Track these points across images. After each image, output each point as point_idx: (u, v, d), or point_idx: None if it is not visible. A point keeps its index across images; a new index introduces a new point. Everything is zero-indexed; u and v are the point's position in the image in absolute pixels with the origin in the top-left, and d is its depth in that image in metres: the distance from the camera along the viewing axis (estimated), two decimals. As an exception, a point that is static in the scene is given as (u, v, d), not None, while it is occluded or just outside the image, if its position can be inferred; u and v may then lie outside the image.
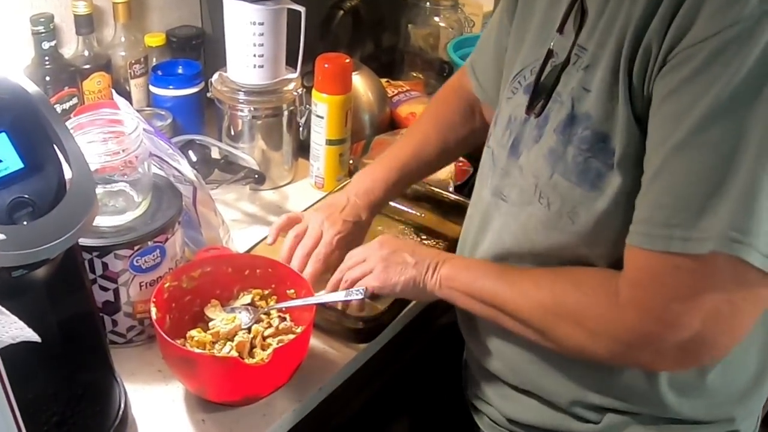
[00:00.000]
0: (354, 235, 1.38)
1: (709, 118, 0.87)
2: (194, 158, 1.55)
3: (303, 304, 1.20)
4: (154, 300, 1.14)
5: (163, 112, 1.68)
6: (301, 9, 1.54)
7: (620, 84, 0.97)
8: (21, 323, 0.69)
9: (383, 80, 2.00)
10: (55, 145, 0.92)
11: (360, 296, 1.19)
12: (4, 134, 0.88)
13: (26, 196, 0.88)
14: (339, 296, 1.22)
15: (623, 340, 0.99)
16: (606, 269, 1.04)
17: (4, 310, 0.68)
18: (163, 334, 1.07)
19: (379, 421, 1.50)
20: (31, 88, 0.93)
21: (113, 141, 1.18)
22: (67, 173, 0.92)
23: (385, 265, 1.22)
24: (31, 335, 0.68)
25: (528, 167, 1.11)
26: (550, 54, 1.08)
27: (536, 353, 1.16)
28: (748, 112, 0.85)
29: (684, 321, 0.93)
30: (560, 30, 1.07)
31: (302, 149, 1.74)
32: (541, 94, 1.08)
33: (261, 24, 1.53)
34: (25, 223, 0.86)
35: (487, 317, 1.14)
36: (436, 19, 2.17)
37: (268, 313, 1.23)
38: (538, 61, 1.10)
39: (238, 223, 1.56)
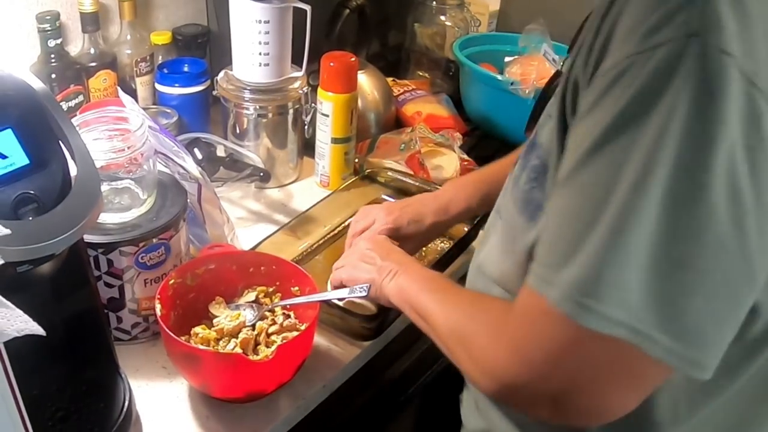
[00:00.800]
0: (408, 231, 1.38)
1: (588, 155, 0.80)
2: (200, 156, 1.55)
3: (307, 301, 1.20)
4: (159, 297, 1.14)
5: (168, 110, 1.68)
6: (307, 7, 1.54)
7: (556, 116, 0.92)
8: (25, 316, 0.69)
9: (389, 79, 2.00)
10: (60, 142, 0.92)
11: (364, 294, 1.18)
12: (9, 130, 0.88)
13: (31, 191, 0.88)
14: (342, 293, 1.21)
15: (498, 379, 0.90)
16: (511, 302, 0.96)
17: (8, 303, 0.69)
18: (168, 331, 1.08)
19: (381, 418, 1.50)
20: (37, 84, 0.93)
21: (119, 138, 1.19)
22: (72, 169, 0.92)
23: (356, 262, 1.24)
24: (36, 328, 0.69)
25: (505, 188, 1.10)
26: (557, 74, 1.05)
27: None
28: (623, 152, 0.77)
29: (548, 371, 0.84)
30: (569, 50, 1.05)
31: (307, 147, 1.74)
32: (534, 114, 1.06)
33: (267, 22, 1.53)
34: (30, 218, 0.86)
35: (425, 333, 1.10)
36: (443, 18, 2.17)
37: (272, 310, 1.23)
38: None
39: (243, 220, 1.57)
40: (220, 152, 1.66)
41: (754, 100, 0.73)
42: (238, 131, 1.66)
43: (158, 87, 1.73)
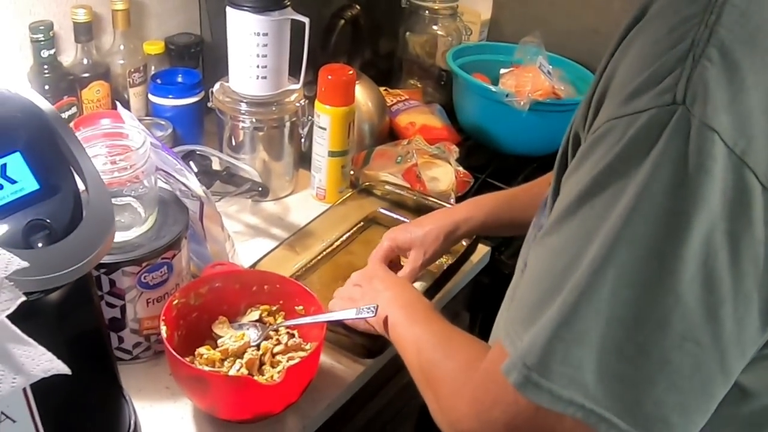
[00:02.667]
0: (404, 239, 1.40)
1: (562, 218, 0.77)
2: (195, 169, 1.53)
3: (313, 321, 1.19)
4: (164, 318, 1.13)
5: (163, 122, 1.66)
6: (306, 20, 1.53)
7: (558, 167, 0.89)
8: (49, 354, 0.68)
9: (381, 89, 1.99)
10: (70, 165, 0.90)
11: (371, 314, 1.17)
12: (18, 154, 0.86)
13: (42, 218, 0.86)
14: (350, 314, 1.20)
15: (456, 429, 0.88)
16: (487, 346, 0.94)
17: (30, 340, 0.67)
18: (175, 354, 1.06)
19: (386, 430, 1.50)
20: (45, 105, 0.91)
21: (120, 156, 1.17)
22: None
23: (344, 293, 1.30)
24: (62, 368, 0.67)
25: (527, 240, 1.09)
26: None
27: None
28: (594, 220, 0.73)
29: None
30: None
31: (302, 160, 1.73)
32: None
33: (265, 35, 1.52)
34: (40, 245, 0.85)
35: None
36: (435, 27, 2.16)
37: (276, 330, 1.22)
38: None
39: (240, 235, 1.55)
40: (215, 165, 1.65)
41: (742, 179, 0.67)
42: (233, 144, 1.65)
43: (152, 98, 1.71)
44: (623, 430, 0.71)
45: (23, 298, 0.66)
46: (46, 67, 1.56)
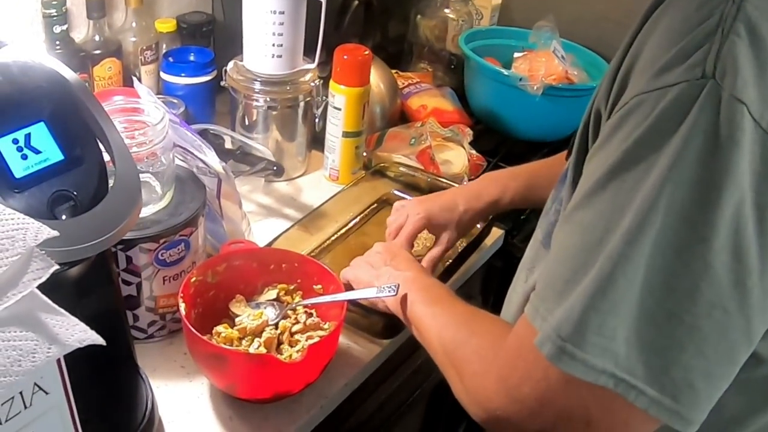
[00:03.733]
0: (440, 220, 1.38)
1: (591, 193, 0.77)
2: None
3: (333, 300, 1.18)
4: (182, 295, 1.11)
5: (175, 101, 1.64)
6: (322, -1, 1.52)
7: (578, 145, 0.88)
8: (82, 324, 0.66)
9: (392, 71, 1.98)
10: (96, 136, 0.88)
11: (392, 293, 1.16)
12: (42, 124, 0.85)
13: (67, 189, 0.84)
14: (370, 293, 1.18)
15: (486, 409, 0.87)
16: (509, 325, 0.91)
17: (63, 311, 0.66)
18: (195, 331, 1.05)
19: (396, 414, 1.49)
20: (70, 75, 0.90)
21: (139, 132, 1.15)
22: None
23: (361, 263, 1.26)
24: (96, 338, 0.66)
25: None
26: None
27: None
28: (625, 193, 0.73)
29: (538, 409, 0.81)
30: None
31: (315, 141, 1.71)
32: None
33: (281, 13, 1.50)
34: (64, 217, 0.83)
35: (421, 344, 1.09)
36: (446, 10, 2.14)
37: (294, 309, 1.20)
38: None
39: (253, 215, 1.54)
40: (228, 144, 1.63)
41: None
42: (246, 123, 1.63)
43: (164, 76, 1.70)
44: (651, 396, 0.72)
45: (56, 267, 0.65)
46: (58, 43, 1.54)
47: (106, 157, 0.89)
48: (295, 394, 1.13)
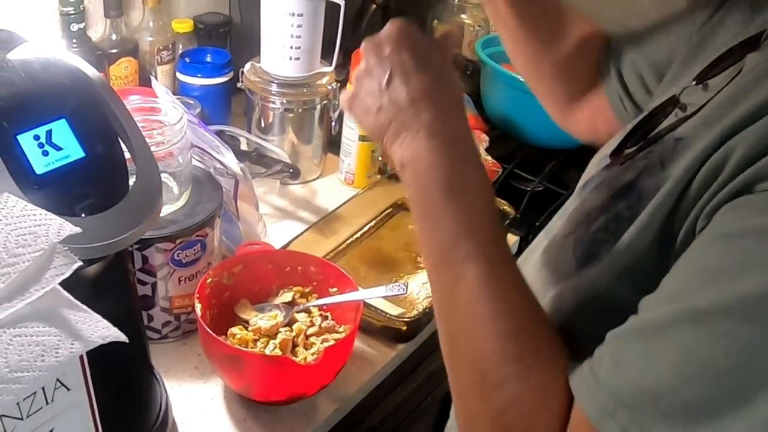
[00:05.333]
0: None
1: (748, 298, 0.59)
2: (227, 149, 1.52)
3: (342, 300, 1.18)
4: (198, 295, 1.11)
5: (191, 101, 1.64)
6: (341, 1, 1.51)
7: (673, 190, 0.72)
8: (105, 322, 0.66)
9: (408, 76, 1.97)
10: (117, 134, 0.88)
11: (402, 292, 1.16)
12: (64, 121, 0.84)
13: (88, 186, 0.84)
14: (379, 292, 1.18)
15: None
16: (562, 346, 0.74)
17: (85, 307, 0.65)
18: (211, 332, 1.05)
19: (409, 419, 1.49)
20: (92, 72, 0.89)
21: (157, 131, 1.15)
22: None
23: (371, 92, 0.83)
24: (119, 335, 0.66)
25: (568, 213, 0.91)
26: (673, 102, 0.82)
27: None
28: None
29: None
30: (700, 79, 0.81)
31: (331, 144, 1.71)
32: (634, 141, 0.84)
33: (300, 15, 1.50)
34: (83, 215, 0.83)
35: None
36: (463, 16, 2.14)
37: (308, 311, 1.20)
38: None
39: (268, 217, 1.53)
40: (243, 146, 1.63)
41: None
42: (263, 125, 1.63)
43: (180, 77, 1.69)
44: None
45: (79, 263, 0.64)
46: (74, 41, 1.54)
47: (127, 155, 0.88)
48: (309, 397, 1.12)
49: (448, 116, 0.80)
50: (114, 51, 1.63)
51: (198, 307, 1.09)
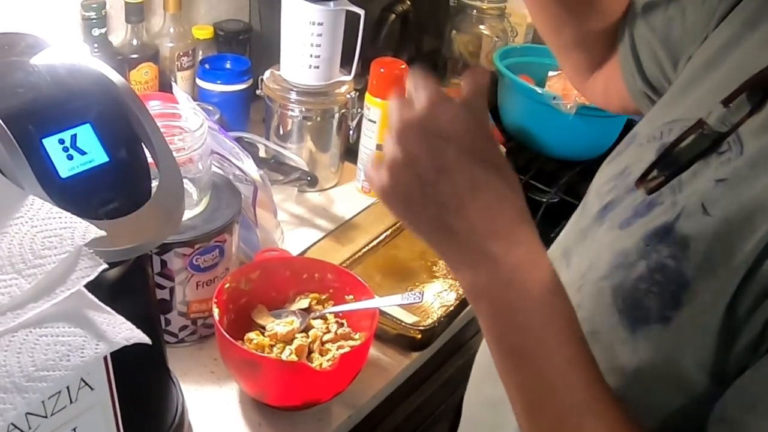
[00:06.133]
0: None
1: None
2: (246, 155, 1.53)
3: (358, 308, 1.19)
4: (216, 300, 1.12)
5: (210, 107, 1.65)
6: (361, 11, 1.52)
7: (742, 255, 0.65)
8: (129, 323, 0.67)
9: (426, 86, 1.98)
10: (141, 140, 0.89)
11: (418, 300, 1.17)
12: (89, 126, 0.85)
13: (111, 191, 0.85)
14: (395, 300, 1.20)
15: None
16: None
17: (109, 309, 0.66)
18: (228, 337, 1.05)
19: (422, 428, 1.49)
20: (117, 78, 0.91)
21: (178, 137, 1.16)
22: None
23: (404, 179, 0.69)
24: (143, 337, 0.66)
25: (596, 246, 0.84)
26: (699, 124, 0.76)
27: None
28: None
29: None
30: (728, 102, 0.75)
31: (348, 153, 1.72)
32: (662, 167, 0.77)
33: (320, 24, 1.51)
34: (109, 219, 0.84)
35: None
36: (481, 27, 2.15)
37: (325, 318, 1.21)
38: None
39: (285, 224, 1.54)
40: (262, 153, 1.64)
41: None
42: (281, 132, 1.64)
43: (199, 83, 1.70)
44: None
45: (104, 266, 0.65)
46: (96, 45, 1.55)
47: (150, 160, 0.90)
48: (323, 403, 1.13)
49: (517, 237, 0.68)
50: (134, 56, 1.64)
51: (216, 311, 1.10)
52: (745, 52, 0.80)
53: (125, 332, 0.64)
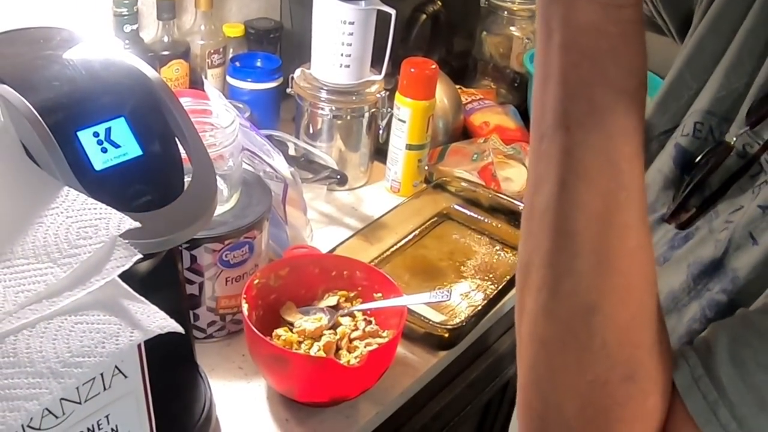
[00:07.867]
0: None
1: None
2: (277, 153, 1.54)
3: (386, 305, 1.19)
4: (245, 296, 1.12)
5: (241, 105, 1.66)
6: (392, 11, 1.52)
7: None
8: (162, 313, 0.67)
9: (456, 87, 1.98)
10: (175, 134, 0.90)
11: (446, 299, 1.17)
12: (123, 119, 0.86)
13: (144, 184, 0.86)
14: (424, 298, 1.20)
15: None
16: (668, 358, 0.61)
17: (143, 299, 0.67)
18: (257, 332, 1.06)
19: (448, 428, 1.49)
20: (151, 73, 0.91)
21: (209, 134, 1.17)
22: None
23: None
24: (176, 326, 0.67)
25: None
26: (726, 150, 0.71)
27: None
28: None
29: None
30: (755, 125, 0.70)
31: (378, 152, 1.72)
32: (692, 198, 0.73)
33: (351, 23, 1.51)
34: (143, 212, 0.84)
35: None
36: (512, 28, 2.14)
37: (353, 315, 1.21)
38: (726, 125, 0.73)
39: (314, 222, 1.54)
40: (291, 151, 1.64)
41: None
42: (311, 131, 1.64)
43: (230, 80, 1.71)
44: None
45: (138, 256, 0.66)
46: (127, 42, 1.57)
47: (183, 155, 0.90)
48: (351, 400, 1.13)
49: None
50: (165, 53, 1.65)
51: (245, 307, 1.10)
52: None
53: (159, 321, 0.64)
